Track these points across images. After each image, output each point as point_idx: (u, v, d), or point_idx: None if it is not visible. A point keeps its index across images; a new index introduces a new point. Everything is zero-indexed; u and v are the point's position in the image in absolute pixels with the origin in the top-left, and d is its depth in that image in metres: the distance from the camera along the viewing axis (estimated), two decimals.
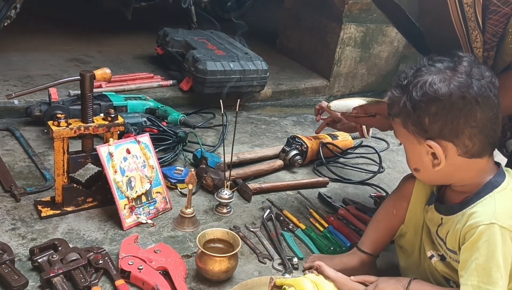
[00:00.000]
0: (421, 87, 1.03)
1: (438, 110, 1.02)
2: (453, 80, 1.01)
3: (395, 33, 2.97)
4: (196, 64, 2.33)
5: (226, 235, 1.37)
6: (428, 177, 1.15)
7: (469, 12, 1.17)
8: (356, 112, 1.49)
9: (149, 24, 3.24)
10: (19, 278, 1.18)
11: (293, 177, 1.93)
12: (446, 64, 1.05)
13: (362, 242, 1.38)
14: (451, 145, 1.04)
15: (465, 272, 1.04)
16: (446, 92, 1.01)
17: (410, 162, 1.15)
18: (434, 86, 1.02)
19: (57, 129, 1.39)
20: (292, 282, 1.12)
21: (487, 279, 1.01)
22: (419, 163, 1.11)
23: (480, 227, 1.02)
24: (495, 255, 1.00)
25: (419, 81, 1.04)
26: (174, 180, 1.71)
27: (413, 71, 1.07)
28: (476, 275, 1.02)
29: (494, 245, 1.00)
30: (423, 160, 1.09)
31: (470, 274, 1.03)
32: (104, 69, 1.45)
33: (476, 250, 1.02)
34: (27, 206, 1.50)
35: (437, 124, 1.03)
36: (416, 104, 1.04)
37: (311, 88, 2.89)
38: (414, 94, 1.04)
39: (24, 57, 2.56)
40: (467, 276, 1.03)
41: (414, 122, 1.06)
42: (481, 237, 1.02)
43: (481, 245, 1.02)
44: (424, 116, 1.03)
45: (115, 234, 1.44)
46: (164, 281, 1.23)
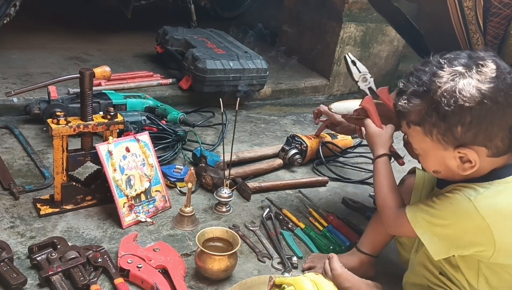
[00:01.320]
0: (451, 96, 0.95)
1: (473, 118, 0.95)
2: (484, 86, 0.95)
3: (395, 32, 2.96)
4: (195, 62, 2.32)
5: (226, 234, 1.36)
6: (450, 176, 1.09)
7: (469, 15, 1.16)
8: (357, 114, 1.48)
9: (148, 22, 3.23)
10: (17, 276, 1.18)
11: (293, 176, 1.93)
12: (465, 63, 0.98)
13: (361, 243, 1.38)
14: (483, 149, 1.00)
15: (421, 203, 1.11)
16: (480, 99, 0.94)
17: (429, 165, 1.10)
18: (465, 94, 0.94)
19: (56, 127, 1.39)
20: (292, 281, 1.12)
21: (429, 224, 1.07)
22: (441, 166, 1.07)
23: (457, 193, 1.04)
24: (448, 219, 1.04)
25: (446, 89, 0.96)
26: (173, 179, 1.71)
27: (429, 75, 0.99)
28: (424, 213, 1.08)
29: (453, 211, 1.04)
30: (446, 163, 1.04)
31: (421, 209, 1.09)
32: (103, 67, 1.45)
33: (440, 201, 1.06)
34: (26, 204, 1.50)
35: (470, 132, 0.97)
36: (447, 114, 0.96)
37: (311, 87, 2.89)
38: (444, 105, 0.95)
39: (23, 55, 2.55)
40: (418, 207, 1.10)
41: (442, 131, 0.99)
42: (451, 198, 1.04)
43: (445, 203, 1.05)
44: (456, 126, 0.97)
45: (114, 233, 1.44)
46: (163, 279, 1.23)
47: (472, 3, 1.14)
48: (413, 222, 1.09)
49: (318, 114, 1.96)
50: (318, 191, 1.85)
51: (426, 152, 1.07)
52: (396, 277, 1.38)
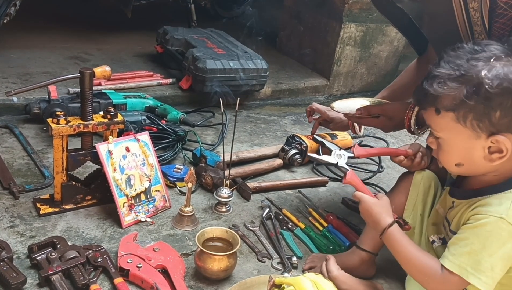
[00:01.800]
0: (495, 78, 0.93)
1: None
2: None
3: (395, 32, 2.97)
4: (196, 62, 2.32)
5: (225, 233, 1.36)
6: (472, 170, 1.07)
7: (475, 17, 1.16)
8: (359, 113, 1.48)
9: (149, 22, 3.23)
10: (17, 276, 1.17)
11: (293, 176, 1.93)
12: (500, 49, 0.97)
13: (361, 241, 1.38)
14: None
15: (456, 250, 1.03)
16: None
17: (452, 157, 1.06)
18: (510, 76, 0.93)
19: (56, 127, 1.39)
20: (291, 281, 1.12)
21: (476, 266, 1.00)
22: (466, 158, 1.04)
23: (489, 218, 1.00)
24: (492, 248, 0.99)
25: (488, 71, 0.94)
26: (173, 179, 1.71)
27: (464, 60, 0.97)
28: (467, 258, 1.01)
29: (495, 238, 0.99)
30: (472, 154, 1.02)
31: (461, 254, 1.02)
32: (103, 66, 1.44)
33: (475, 235, 1.01)
34: (26, 203, 1.50)
35: (507, 118, 0.95)
36: (489, 97, 0.94)
37: (311, 87, 2.89)
38: (488, 86, 0.93)
39: (23, 55, 2.55)
40: (457, 255, 1.02)
41: (478, 116, 0.96)
42: (485, 226, 1.00)
43: (482, 233, 1.00)
44: (496, 110, 0.95)
45: (114, 232, 1.43)
46: (163, 279, 1.23)
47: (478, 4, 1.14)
48: (463, 274, 1.01)
49: (311, 112, 1.93)
50: (318, 191, 1.85)
51: (451, 142, 1.04)
52: (396, 277, 1.39)
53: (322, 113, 1.84)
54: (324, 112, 1.82)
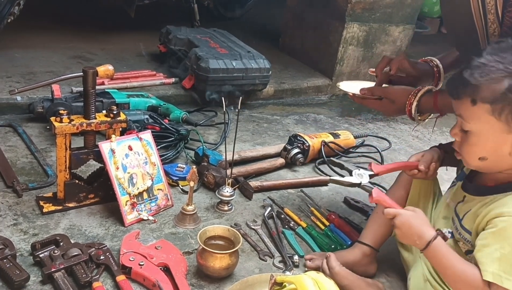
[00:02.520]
0: None
1: None
2: None
3: (398, 32, 2.97)
4: (198, 62, 2.33)
5: (227, 232, 1.37)
6: (494, 166, 1.06)
7: (489, 4, 1.15)
8: (363, 93, 1.46)
9: (152, 22, 3.24)
10: (20, 273, 1.18)
11: (295, 176, 1.93)
12: None
13: (362, 236, 1.40)
14: None
15: (486, 258, 1.00)
16: None
17: (478, 150, 1.05)
18: None
19: (60, 125, 1.40)
20: (293, 279, 1.12)
21: (509, 270, 0.98)
22: (491, 152, 1.03)
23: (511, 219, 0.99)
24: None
25: None
26: (175, 177, 1.71)
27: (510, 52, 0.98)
28: (499, 264, 0.98)
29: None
30: (500, 148, 1.02)
31: (492, 261, 0.99)
32: (106, 66, 1.45)
33: (503, 239, 0.99)
34: (29, 201, 1.51)
35: None
36: None
37: (314, 87, 2.90)
38: None
39: (27, 54, 2.56)
40: (489, 263, 1.00)
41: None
42: (510, 228, 0.98)
43: (509, 236, 0.98)
44: None
45: (116, 230, 1.44)
46: (165, 277, 1.24)
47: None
48: (499, 281, 0.98)
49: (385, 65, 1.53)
50: (320, 190, 1.85)
51: (481, 135, 1.03)
52: (398, 277, 1.39)
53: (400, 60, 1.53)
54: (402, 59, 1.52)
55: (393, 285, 1.37)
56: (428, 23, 4.30)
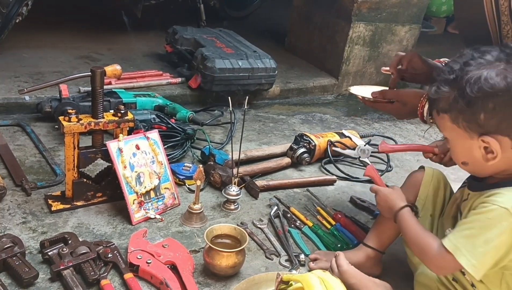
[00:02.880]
0: (476, 82, 0.99)
1: (496, 105, 0.98)
2: (509, 74, 0.98)
3: (404, 32, 2.97)
4: (205, 62, 2.34)
5: (234, 230, 1.38)
6: (477, 169, 1.11)
7: (503, 6, 1.15)
8: (375, 97, 1.46)
9: (158, 22, 3.26)
10: (29, 271, 1.20)
11: (301, 175, 1.94)
12: (496, 55, 1.01)
13: (368, 238, 1.40)
14: (507, 139, 1.01)
15: (458, 232, 1.07)
16: (504, 87, 0.97)
17: (458, 155, 1.11)
18: (490, 81, 0.98)
19: (68, 125, 1.41)
20: (299, 278, 1.13)
21: (471, 249, 1.03)
22: (468, 157, 1.08)
23: (494, 206, 1.02)
24: (489, 235, 1.02)
25: (472, 76, 1.00)
26: (182, 177, 1.72)
27: (460, 65, 1.03)
28: (465, 241, 1.04)
29: (495, 226, 1.01)
30: (473, 154, 1.06)
31: (461, 236, 1.05)
32: (114, 65, 1.46)
33: (477, 220, 1.04)
34: (38, 200, 1.52)
35: (493, 120, 1.00)
36: (471, 100, 0.99)
37: (320, 86, 2.90)
38: (469, 90, 0.99)
39: (35, 54, 2.59)
40: (457, 237, 1.06)
41: (467, 118, 1.02)
42: (489, 213, 1.03)
43: (484, 220, 1.03)
44: (480, 112, 1.00)
45: (124, 229, 1.45)
46: (172, 275, 1.25)
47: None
48: (456, 254, 1.04)
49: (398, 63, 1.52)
50: (326, 190, 1.86)
51: (454, 142, 1.10)
52: (404, 277, 1.39)
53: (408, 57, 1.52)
54: None
55: (399, 285, 1.37)
56: (434, 23, 4.28)
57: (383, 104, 1.47)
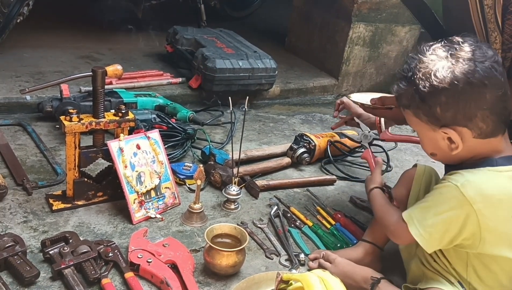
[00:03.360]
0: (427, 79, 1.04)
1: (448, 99, 1.03)
2: (456, 67, 1.02)
3: (404, 32, 2.97)
4: (205, 62, 2.34)
5: (234, 230, 1.38)
6: (446, 159, 1.16)
7: (489, 14, 1.18)
8: (374, 103, 1.49)
9: (159, 22, 3.26)
10: (31, 269, 1.20)
11: (301, 175, 1.94)
12: (447, 50, 1.05)
13: (366, 234, 1.43)
14: (466, 130, 1.06)
15: (417, 204, 1.15)
16: (451, 80, 1.02)
17: (426, 147, 1.17)
18: (438, 76, 1.02)
19: (69, 124, 1.41)
20: (299, 277, 1.13)
21: (421, 220, 1.10)
22: (436, 148, 1.14)
23: (448, 183, 1.09)
24: (439, 209, 1.08)
25: (423, 72, 1.05)
26: (182, 176, 1.73)
27: (415, 61, 1.08)
28: (418, 212, 1.12)
29: (444, 201, 1.07)
30: (439, 145, 1.11)
31: (416, 207, 1.14)
32: (115, 65, 1.47)
33: (431, 195, 1.12)
34: (39, 199, 1.53)
35: (449, 112, 1.04)
36: (424, 96, 1.05)
37: (320, 86, 2.90)
38: (421, 86, 1.05)
39: (36, 54, 2.59)
40: (413, 208, 1.15)
41: (425, 112, 1.07)
42: (441, 188, 1.10)
43: (436, 194, 1.11)
44: (435, 106, 1.05)
45: (124, 228, 1.46)
46: (172, 274, 1.25)
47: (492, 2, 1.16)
48: (409, 223, 1.12)
49: (340, 107, 1.87)
50: (326, 189, 1.86)
51: (421, 134, 1.15)
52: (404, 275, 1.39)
53: (352, 107, 1.80)
54: (354, 108, 1.79)
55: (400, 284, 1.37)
56: None
57: (382, 110, 1.50)
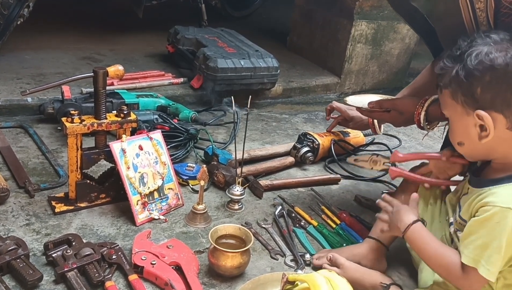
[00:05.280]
0: (477, 56, 1.02)
1: (492, 79, 1.01)
2: (510, 50, 1.01)
3: (406, 30, 2.95)
4: (207, 61, 2.33)
5: (238, 231, 1.37)
6: (471, 150, 1.12)
7: (481, 17, 1.18)
8: (371, 107, 1.49)
9: (160, 22, 3.25)
10: (33, 273, 1.19)
11: (304, 174, 1.93)
12: (502, 35, 1.04)
13: (372, 231, 1.41)
14: (501, 117, 1.03)
15: (470, 244, 1.05)
16: (502, 61, 1.00)
17: (455, 135, 1.13)
18: (490, 55, 1.01)
19: (71, 126, 1.40)
20: (305, 278, 1.12)
21: (488, 258, 1.03)
22: (465, 136, 1.10)
23: (496, 208, 1.02)
24: (501, 239, 1.01)
25: (474, 50, 1.03)
26: (185, 177, 1.72)
27: (467, 42, 1.06)
28: (480, 251, 1.03)
29: (503, 229, 1.01)
30: (469, 132, 1.08)
31: (474, 248, 1.04)
32: (116, 66, 1.46)
33: (485, 228, 1.03)
34: (41, 202, 1.52)
35: (489, 94, 1.02)
36: (470, 72, 1.03)
37: (322, 85, 2.89)
38: (469, 63, 1.02)
39: (37, 55, 2.58)
40: (472, 249, 1.05)
41: (465, 91, 1.05)
42: (493, 217, 1.02)
43: (491, 226, 1.02)
44: (477, 85, 1.02)
45: (128, 230, 1.45)
46: (177, 276, 1.24)
47: (484, 5, 1.16)
48: (478, 268, 1.03)
49: (330, 111, 1.97)
50: (330, 189, 1.85)
51: (452, 119, 1.12)
52: (410, 274, 1.38)
53: (343, 111, 1.86)
54: (345, 111, 1.84)
55: (406, 283, 1.36)
56: None
57: (379, 113, 1.51)
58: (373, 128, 1.74)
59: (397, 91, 1.74)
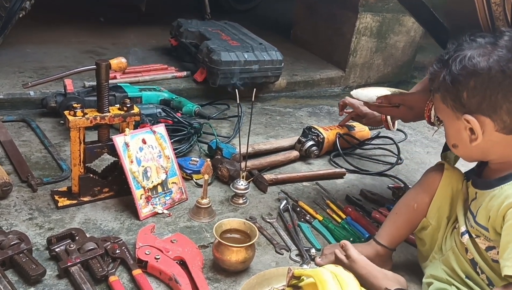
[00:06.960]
0: (461, 61, 1.03)
1: (477, 84, 1.01)
2: (492, 55, 1.01)
3: (411, 22, 2.92)
4: (210, 55, 2.31)
5: (243, 225, 1.35)
6: (466, 153, 1.14)
7: (497, 11, 1.16)
8: (380, 102, 1.46)
9: (162, 15, 3.23)
10: (37, 267, 1.18)
11: (309, 168, 1.91)
12: (488, 39, 1.04)
13: (379, 234, 1.35)
14: (489, 120, 1.03)
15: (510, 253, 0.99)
16: (485, 66, 1.00)
17: (449, 138, 1.14)
18: (473, 60, 1.01)
19: (74, 119, 1.39)
20: (311, 273, 1.10)
21: None
22: (458, 139, 1.11)
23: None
24: None
25: (459, 55, 1.04)
26: (189, 171, 1.70)
27: (454, 46, 1.07)
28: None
29: None
30: (461, 135, 1.09)
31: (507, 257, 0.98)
32: (119, 58, 1.44)
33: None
34: (44, 196, 1.51)
35: (475, 99, 1.02)
36: (454, 78, 1.04)
37: (326, 78, 2.86)
38: (453, 68, 1.03)
39: (39, 49, 2.57)
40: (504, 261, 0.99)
41: (452, 96, 1.06)
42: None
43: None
44: (463, 90, 1.03)
45: (131, 224, 1.43)
46: (181, 270, 1.22)
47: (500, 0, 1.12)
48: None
49: (343, 106, 1.94)
50: (335, 183, 1.83)
51: (446, 123, 1.13)
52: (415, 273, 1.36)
53: (356, 107, 1.84)
54: (358, 107, 1.82)
55: (410, 279, 1.34)
56: None
57: (388, 108, 1.47)
58: (386, 124, 1.70)
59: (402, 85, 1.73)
